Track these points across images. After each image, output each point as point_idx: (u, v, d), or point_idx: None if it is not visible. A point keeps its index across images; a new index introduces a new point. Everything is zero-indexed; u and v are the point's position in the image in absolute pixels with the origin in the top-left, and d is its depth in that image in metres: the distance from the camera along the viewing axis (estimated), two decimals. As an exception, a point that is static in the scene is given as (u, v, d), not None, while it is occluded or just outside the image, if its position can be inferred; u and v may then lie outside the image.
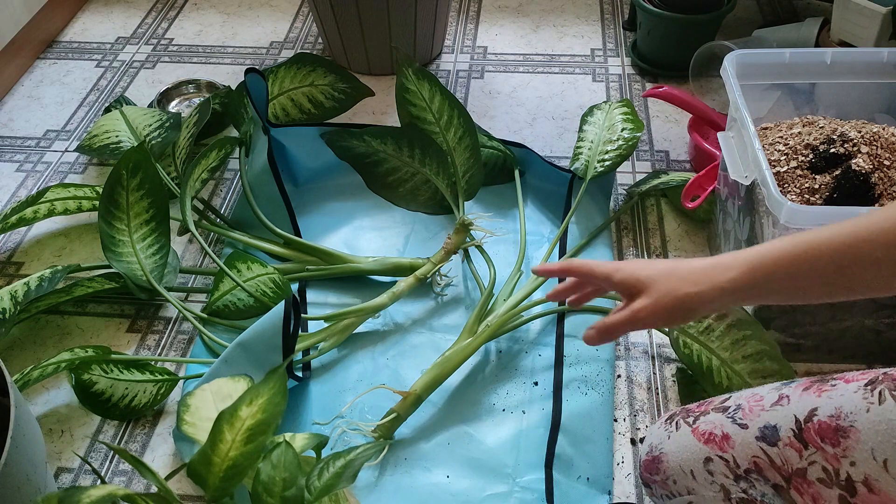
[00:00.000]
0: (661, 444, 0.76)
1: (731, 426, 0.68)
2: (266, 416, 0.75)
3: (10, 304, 1.03)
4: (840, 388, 0.61)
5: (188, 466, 0.73)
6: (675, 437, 0.74)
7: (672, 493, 0.75)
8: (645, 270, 0.69)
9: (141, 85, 1.62)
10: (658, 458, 0.75)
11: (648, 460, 0.77)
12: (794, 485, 0.64)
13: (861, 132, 1.00)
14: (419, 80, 1.19)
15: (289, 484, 0.73)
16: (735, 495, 0.68)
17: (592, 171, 1.21)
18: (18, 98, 1.60)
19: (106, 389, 1.00)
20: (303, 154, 1.32)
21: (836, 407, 0.60)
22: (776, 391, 0.67)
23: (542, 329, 1.11)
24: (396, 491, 0.95)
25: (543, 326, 1.11)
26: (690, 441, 0.72)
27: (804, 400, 0.63)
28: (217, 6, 1.85)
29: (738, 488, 0.68)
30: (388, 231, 1.27)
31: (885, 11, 1.26)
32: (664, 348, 1.09)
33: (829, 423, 0.60)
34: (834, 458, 0.60)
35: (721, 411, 0.70)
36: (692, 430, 0.72)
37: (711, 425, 0.70)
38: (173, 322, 1.16)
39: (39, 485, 0.79)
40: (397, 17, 1.49)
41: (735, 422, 0.68)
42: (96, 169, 1.43)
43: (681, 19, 1.47)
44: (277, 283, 1.10)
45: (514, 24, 1.75)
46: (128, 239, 1.11)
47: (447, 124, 1.20)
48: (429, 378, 1.00)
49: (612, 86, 1.56)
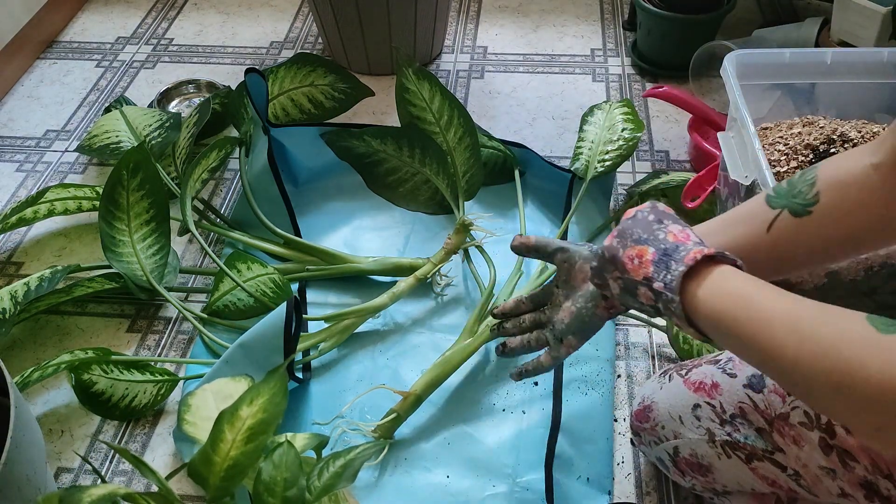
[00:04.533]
0: (652, 394, 0.80)
1: (721, 375, 0.72)
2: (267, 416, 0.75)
3: (10, 304, 1.03)
4: None
5: (189, 466, 0.73)
6: (667, 387, 0.78)
7: (660, 438, 0.80)
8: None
9: (141, 85, 1.62)
10: (649, 406, 0.80)
11: (640, 410, 0.81)
12: (776, 427, 0.68)
13: (861, 132, 1.00)
14: (419, 80, 1.19)
15: (290, 484, 0.73)
16: (719, 438, 0.72)
17: (593, 171, 1.21)
18: (18, 98, 1.59)
19: (106, 390, 1.00)
20: (303, 154, 1.32)
21: None
22: None
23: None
24: (396, 491, 0.95)
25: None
26: (681, 390, 0.76)
27: None
28: (217, 6, 1.85)
29: (724, 431, 0.72)
30: (388, 231, 1.27)
31: (885, 11, 1.26)
32: (664, 348, 1.09)
33: None
34: None
35: (713, 363, 0.75)
36: (684, 380, 0.76)
37: (702, 375, 0.74)
38: (173, 322, 1.16)
39: (39, 485, 0.79)
40: (397, 17, 1.49)
41: (724, 371, 0.72)
42: (96, 169, 1.43)
43: (681, 19, 1.47)
44: (277, 283, 1.10)
45: (514, 24, 1.75)
46: (128, 239, 1.11)
47: (447, 124, 1.20)
48: (429, 378, 1.00)
49: (612, 86, 1.56)
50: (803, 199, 0.62)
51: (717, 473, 0.75)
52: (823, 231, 0.61)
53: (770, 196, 0.64)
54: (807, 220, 0.61)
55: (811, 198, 0.61)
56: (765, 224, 0.63)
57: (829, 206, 0.60)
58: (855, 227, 0.60)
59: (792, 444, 0.67)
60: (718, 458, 0.74)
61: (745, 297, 0.54)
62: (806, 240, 0.62)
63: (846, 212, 0.60)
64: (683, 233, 0.62)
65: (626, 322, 1.13)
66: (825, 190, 0.61)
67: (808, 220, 0.61)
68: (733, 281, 0.56)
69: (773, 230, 0.63)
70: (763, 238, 0.63)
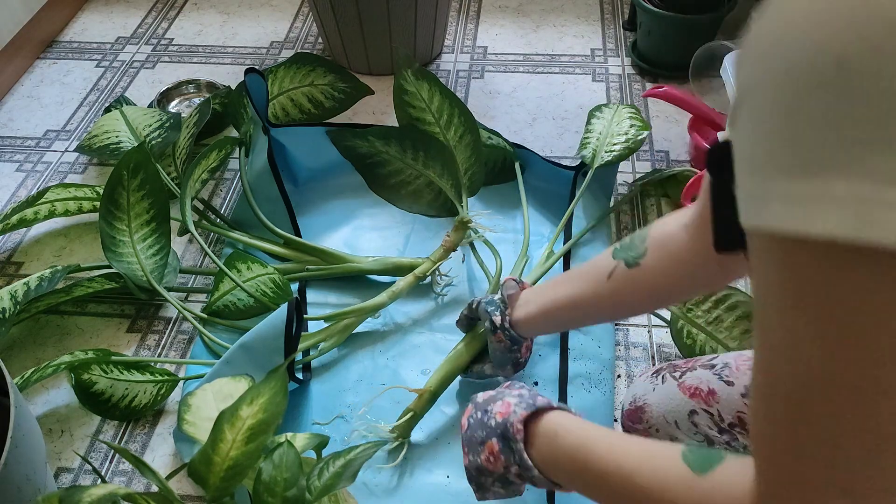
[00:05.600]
0: (645, 394, 0.80)
1: (717, 382, 0.73)
2: (267, 416, 0.75)
3: (10, 304, 1.03)
4: None
5: (189, 466, 0.73)
6: (661, 389, 0.79)
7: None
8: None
9: (141, 85, 1.62)
10: (641, 407, 0.80)
11: (632, 409, 0.81)
12: None
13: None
14: (418, 81, 1.19)
15: (290, 484, 0.73)
16: (718, 445, 0.72)
17: (600, 159, 1.21)
18: (18, 98, 1.60)
19: (106, 390, 1.00)
20: (303, 154, 1.32)
21: None
22: None
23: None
24: (397, 491, 0.95)
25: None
26: (675, 394, 0.76)
27: None
28: (217, 6, 1.85)
29: (722, 440, 0.72)
30: (389, 231, 1.27)
31: (885, 11, 1.25)
32: (665, 348, 1.09)
33: None
34: None
35: (708, 368, 0.75)
36: (678, 384, 0.77)
37: (697, 380, 0.75)
38: (173, 322, 1.16)
39: (39, 485, 0.79)
40: (397, 17, 1.49)
41: (721, 378, 0.73)
42: (96, 169, 1.43)
43: (681, 19, 1.47)
44: (277, 283, 1.10)
45: (514, 24, 1.75)
46: (128, 239, 1.11)
47: (447, 123, 1.20)
48: (443, 374, 0.99)
49: (612, 86, 1.56)
50: (636, 252, 0.72)
51: None
52: (651, 280, 0.71)
53: (615, 249, 0.75)
54: (637, 271, 0.72)
55: (641, 252, 0.71)
56: (605, 273, 0.75)
57: (654, 259, 0.70)
58: (673, 277, 0.70)
59: None
60: None
61: (579, 454, 0.59)
62: (638, 287, 0.72)
63: (666, 265, 0.70)
64: (504, 403, 0.69)
65: (626, 322, 1.13)
66: (652, 246, 0.71)
67: (638, 271, 0.71)
68: (564, 437, 0.62)
69: (611, 279, 0.74)
70: (604, 285, 0.75)
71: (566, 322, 0.92)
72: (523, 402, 0.67)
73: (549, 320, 0.86)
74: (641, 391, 0.81)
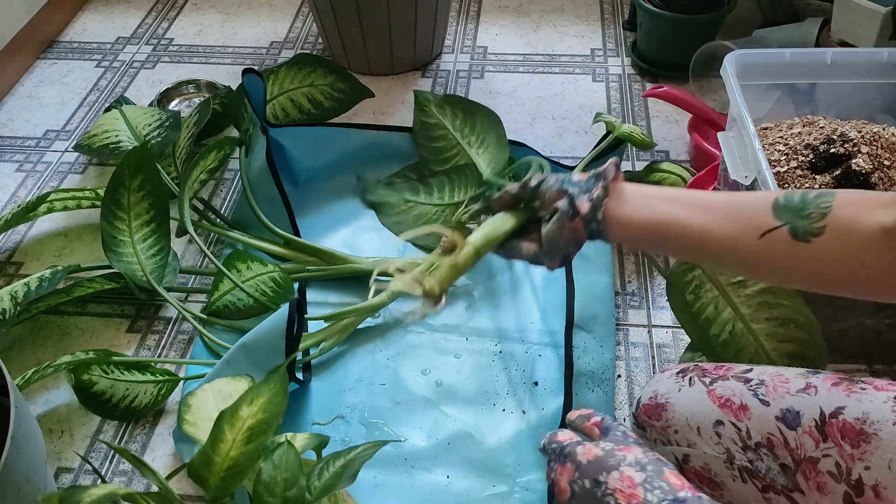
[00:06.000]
0: (668, 393, 0.76)
1: (752, 399, 0.69)
2: (267, 416, 0.75)
3: (10, 304, 1.03)
4: (870, 393, 0.63)
5: (189, 466, 0.73)
6: (687, 391, 0.74)
7: (670, 440, 0.76)
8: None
9: (141, 85, 1.62)
10: (663, 405, 0.76)
11: (651, 405, 0.77)
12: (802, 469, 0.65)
13: (861, 132, 1.00)
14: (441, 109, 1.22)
15: (290, 484, 0.73)
16: (739, 462, 0.69)
17: (619, 131, 1.21)
18: (18, 98, 1.60)
19: (106, 390, 1.00)
20: (303, 154, 1.32)
21: (863, 411, 0.62)
22: (803, 378, 0.68)
23: (543, 329, 1.11)
24: (396, 491, 0.95)
25: (544, 326, 1.11)
26: (704, 400, 0.72)
27: (832, 395, 0.65)
28: (217, 6, 1.85)
29: (745, 457, 0.69)
30: (389, 231, 1.27)
31: (885, 11, 1.26)
32: (665, 348, 1.09)
33: (854, 424, 0.61)
34: (850, 458, 0.61)
35: (742, 381, 0.71)
36: (708, 391, 0.72)
37: (730, 392, 0.71)
38: (173, 322, 1.16)
39: (39, 485, 0.79)
40: (397, 17, 1.49)
41: (756, 395, 0.68)
42: (96, 169, 1.43)
43: (681, 19, 1.47)
44: (278, 282, 1.10)
45: (514, 24, 1.75)
46: (129, 239, 1.11)
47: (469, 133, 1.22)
48: (487, 232, 0.73)
49: (612, 86, 1.56)
50: (810, 225, 0.58)
51: (727, 492, 0.72)
52: (813, 266, 0.58)
53: (778, 203, 0.60)
54: (804, 249, 0.58)
55: (817, 228, 0.57)
56: (759, 227, 0.60)
57: (830, 247, 0.57)
58: (851, 281, 0.58)
59: (815, 490, 0.64)
60: (733, 480, 0.71)
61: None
62: (797, 266, 0.59)
63: (846, 264, 0.57)
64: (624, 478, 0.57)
65: (626, 322, 1.13)
66: (833, 229, 0.57)
67: (803, 248, 0.58)
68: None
69: (766, 239, 0.60)
70: (753, 240, 0.60)
71: (679, 252, 0.73)
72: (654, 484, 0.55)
73: (658, 239, 0.66)
74: (664, 389, 0.78)
